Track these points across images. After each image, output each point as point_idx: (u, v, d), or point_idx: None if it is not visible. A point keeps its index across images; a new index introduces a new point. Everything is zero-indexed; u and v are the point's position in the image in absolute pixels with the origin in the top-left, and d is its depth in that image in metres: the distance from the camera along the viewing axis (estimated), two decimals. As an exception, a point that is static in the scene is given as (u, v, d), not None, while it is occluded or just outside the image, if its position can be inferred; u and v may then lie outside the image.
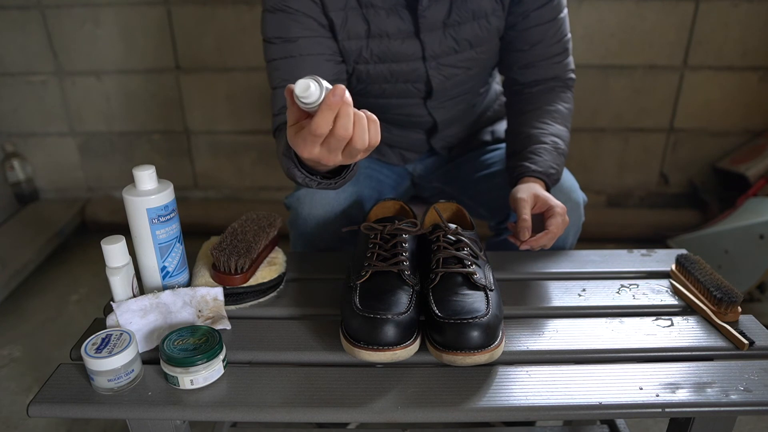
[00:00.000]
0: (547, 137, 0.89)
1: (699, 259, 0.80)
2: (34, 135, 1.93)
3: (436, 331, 0.63)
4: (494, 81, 1.13)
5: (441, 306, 0.64)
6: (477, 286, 0.67)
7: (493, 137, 1.10)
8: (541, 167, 0.85)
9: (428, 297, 0.67)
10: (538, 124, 0.91)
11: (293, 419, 0.59)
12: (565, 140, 0.91)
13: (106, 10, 1.73)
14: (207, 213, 1.93)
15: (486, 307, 0.63)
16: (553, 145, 0.88)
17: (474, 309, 0.63)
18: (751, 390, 0.61)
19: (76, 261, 1.80)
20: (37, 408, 0.60)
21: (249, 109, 1.86)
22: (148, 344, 0.68)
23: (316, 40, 0.85)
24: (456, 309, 0.63)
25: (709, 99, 1.78)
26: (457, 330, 0.61)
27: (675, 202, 1.94)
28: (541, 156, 0.86)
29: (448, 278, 0.68)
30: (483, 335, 0.61)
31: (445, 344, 0.61)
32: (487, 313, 0.62)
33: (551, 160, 0.86)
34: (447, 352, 0.61)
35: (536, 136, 0.89)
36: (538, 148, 0.87)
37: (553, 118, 0.92)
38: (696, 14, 1.66)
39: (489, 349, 0.61)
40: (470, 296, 0.66)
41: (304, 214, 0.93)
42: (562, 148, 0.89)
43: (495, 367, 0.65)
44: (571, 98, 0.97)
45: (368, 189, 1.01)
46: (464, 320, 0.61)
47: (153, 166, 0.71)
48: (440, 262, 0.70)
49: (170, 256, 0.74)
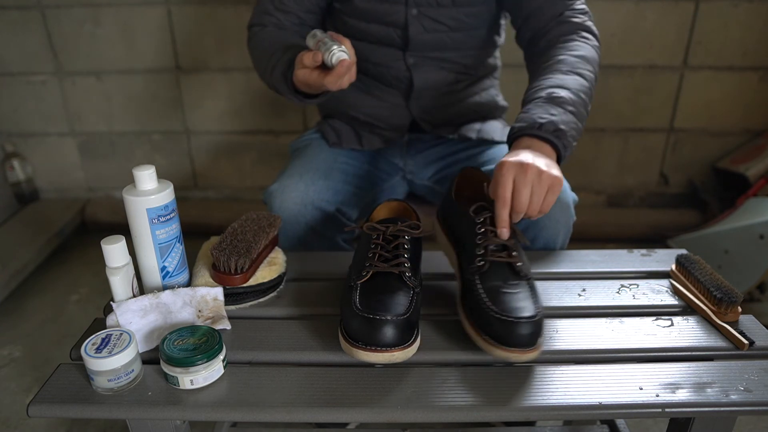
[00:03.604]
0: (541, 91, 0.79)
1: (699, 259, 0.80)
2: (34, 135, 1.93)
3: (487, 324, 0.63)
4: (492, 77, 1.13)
5: (493, 298, 0.65)
6: (520, 275, 0.68)
7: (477, 135, 1.08)
8: (524, 122, 0.76)
9: (474, 284, 0.67)
10: (535, 83, 0.83)
11: (293, 419, 0.59)
12: (573, 87, 0.79)
13: (106, 10, 1.73)
14: (207, 213, 1.93)
15: (534, 306, 0.64)
16: (548, 96, 0.78)
17: (525, 306, 0.63)
18: (751, 390, 0.61)
19: (76, 261, 1.80)
20: (37, 408, 0.60)
21: (249, 109, 1.86)
22: (148, 344, 0.68)
23: None
24: (510, 306, 0.63)
25: (709, 99, 1.78)
26: (512, 328, 0.61)
27: (675, 202, 1.94)
28: (527, 112, 0.77)
29: (496, 267, 0.68)
30: (533, 334, 0.62)
31: (498, 339, 0.62)
32: (538, 313, 0.63)
33: (540, 112, 0.76)
34: (501, 348, 0.62)
35: (529, 96, 0.81)
36: (528, 106, 0.79)
37: (553, 71, 0.82)
38: (696, 14, 1.66)
39: (536, 347, 0.62)
40: (517, 286, 0.66)
41: (276, 207, 0.95)
42: (563, 97, 0.77)
43: (494, 367, 0.65)
44: (584, 44, 0.87)
45: (342, 183, 1.01)
46: (519, 320, 0.62)
47: (153, 166, 0.71)
48: (488, 250, 0.69)
49: (170, 256, 0.74)
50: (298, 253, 0.91)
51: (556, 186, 0.69)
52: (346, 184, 1.01)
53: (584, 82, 0.81)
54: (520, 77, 1.57)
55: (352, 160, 1.07)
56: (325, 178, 0.98)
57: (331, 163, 1.02)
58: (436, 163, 1.11)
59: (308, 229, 0.95)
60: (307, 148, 1.07)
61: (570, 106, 0.77)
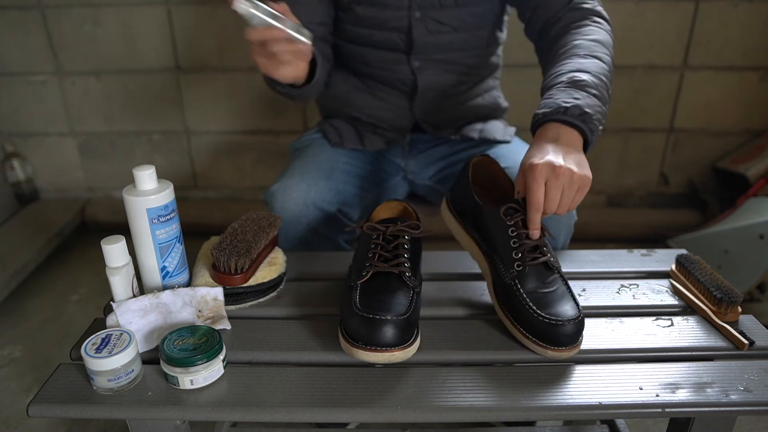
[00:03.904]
0: (562, 76, 0.77)
1: (699, 259, 0.80)
2: (34, 135, 1.93)
3: (532, 326, 0.66)
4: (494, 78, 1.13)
5: (536, 301, 0.66)
6: (553, 270, 0.70)
7: (479, 135, 1.08)
8: (548, 107, 0.73)
9: (515, 288, 0.68)
10: (553, 69, 0.80)
11: (293, 419, 0.59)
12: (593, 71, 0.77)
13: (106, 10, 1.73)
14: (207, 213, 1.93)
15: (574, 305, 0.67)
16: (569, 80, 0.75)
17: (567, 309, 0.66)
18: (751, 390, 0.61)
19: (76, 261, 1.80)
20: (37, 408, 0.60)
21: (249, 109, 1.86)
22: (148, 344, 0.68)
23: None
24: (554, 310, 0.65)
25: (709, 99, 1.78)
26: (558, 330, 0.64)
27: (675, 202, 1.94)
28: (550, 98, 0.74)
29: (532, 268, 0.69)
30: (577, 333, 0.65)
31: (545, 340, 0.65)
32: (580, 313, 0.66)
33: (564, 96, 0.73)
34: (550, 348, 0.64)
35: (549, 82, 0.78)
36: (550, 92, 0.76)
37: (571, 56, 0.80)
38: (696, 14, 1.66)
39: (578, 343, 0.65)
40: (554, 283, 0.69)
41: (277, 208, 0.94)
42: (585, 80, 0.75)
43: (494, 368, 0.65)
44: (598, 29, 0.85)
45: (344, 184, 1.00)
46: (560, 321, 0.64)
47: (153, 166, 0.71)
48: (525, 254, 0.69)
49: (170, 256, 0.74)
50: (298, 253, 0.91)
51: (585, 186, 0.68)
52: (348, 184, 1.01)
53: (603, 65, 0.79)
54: (520, 77, 1.59)
55: (354, 160, 1.07)
56: (327, 178, 0.98)
57: (333, 163, 1.02)
58: (437, 163, 1.11)
59: (309, 229, 0.95)
60: (309, 148, 1.07)
61: (593, 89, 0.74)
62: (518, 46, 1.16)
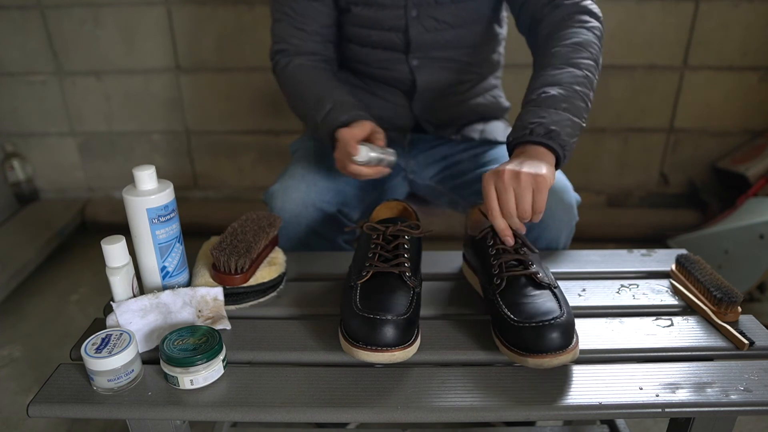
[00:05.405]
0: (532, 94, 0.78)
1: (699, 259, 0.80)
2: (34, 135, 1.94)
3: (514, 335, 0.63)
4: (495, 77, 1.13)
5: (514, 310, 0.64)
6: (542, 285, 0.67)
7: (480, 136, 1.08)
8: (516, 129, 0.75)
9: (497, 302, 0.66)
10: (529, 85, 0.81)
11: (293, 419, 0.59)
12: (565, 82, 0.77)
13: (106, 10, 1.73)
14: (207, 213, 1.93)
15: (559, 307, 0.63)
16: (537, 98, 0.76)
17: (549, 310, 0.63)
18: (751, 390, 0.61)
19: (76, 261, 1.80)
20: (37, 408, 0.60)
21: (249, 109, 1.86)
22: (148, 344, 0.68)
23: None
24: (531, 312, 0.63)
25: (709, 99, 1.78)
26: (537, 333, 0.61)
27: (675, 202, 1.94)
28: (519, 119, 0.76)
29: (513, 281, 0.68)
30: (563, 335, 0.61)
31: (527, 348, 0.61)
32: (563, 313, 0.62)
33: (530, 116, 0.75)
34: (532, 355, 0.61)
35: (524, 100, 0.80)
36: (521, 112, 0.78)
37: (546, 67, 0.81)
38: (696, 14, 1.66)
39: (570, 348, 0.61)
40: (539, 296, 0.65)
41: (277, 208, 0.94)
42: (554, 95, 0.76)
43: (494, 368, 0.65)
44: (579, 29, 0.84)
45: (343, 184, 1.00)
46: (543, 322, 0.61)
47: (153, 166, 0.71)
48: (503, 266, 0.69)
49: (170, 256, 0.74)
50: (298, 253, 0.91)
51: (540, 184, 0.68)
52: (348, 184, 1.01)
53: (578, 72, 0.79)
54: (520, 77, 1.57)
55: None
56: (327, 179, 0.98)
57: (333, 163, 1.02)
58: (438, 163, 1.10)
59: (309, 230, 0.95)
60: (309, 149, 1.07)
61: (563, 103, 0.75)
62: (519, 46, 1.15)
